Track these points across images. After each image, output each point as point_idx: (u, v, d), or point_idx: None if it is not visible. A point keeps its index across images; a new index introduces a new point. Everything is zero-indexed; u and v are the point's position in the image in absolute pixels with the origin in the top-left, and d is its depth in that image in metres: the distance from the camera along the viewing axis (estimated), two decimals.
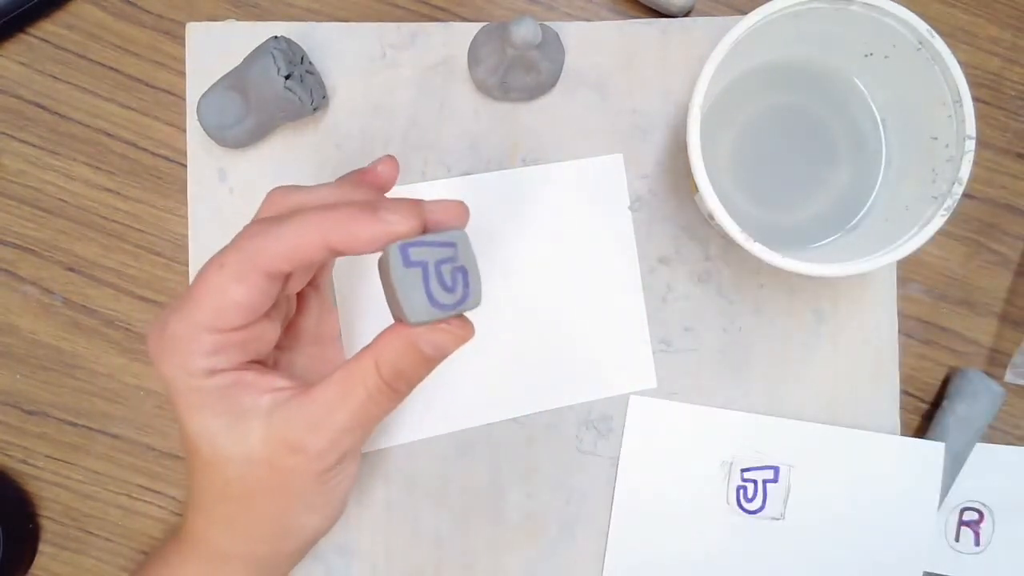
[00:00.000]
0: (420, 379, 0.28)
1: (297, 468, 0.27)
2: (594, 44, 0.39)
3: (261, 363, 0.29)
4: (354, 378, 0.27)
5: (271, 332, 0.29)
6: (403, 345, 0.26)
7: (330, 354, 0.34)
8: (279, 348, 0.32)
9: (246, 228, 0.27)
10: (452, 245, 0.25)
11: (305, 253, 0.26)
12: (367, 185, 0.30)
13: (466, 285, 0.26)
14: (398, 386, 0.27)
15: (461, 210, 0.29)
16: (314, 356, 0.33)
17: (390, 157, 0.31)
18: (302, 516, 0.29)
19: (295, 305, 0.32)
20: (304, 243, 0.25)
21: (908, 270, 0.40)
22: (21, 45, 0.39)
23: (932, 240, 0.31)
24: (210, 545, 0.30)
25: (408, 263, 0.25)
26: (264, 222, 0.27)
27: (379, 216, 0.25)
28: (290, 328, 0.32)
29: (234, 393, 0.27)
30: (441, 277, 0.25)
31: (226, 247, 0.27)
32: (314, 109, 0.37)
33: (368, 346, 0.27)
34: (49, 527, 0.38)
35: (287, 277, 0.28)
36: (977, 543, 0.39)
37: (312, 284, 0.33)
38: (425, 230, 0.26)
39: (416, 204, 0.26)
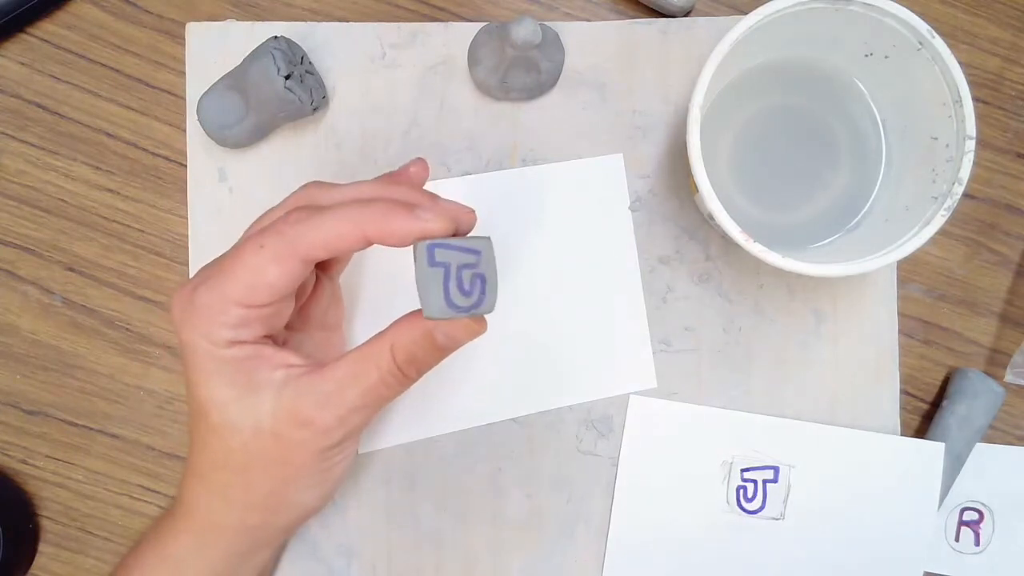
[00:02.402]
0: (430, 367, 0.29)
1: (303, 442, 0.28)
2: (594, 44, 0.39)
3: (274, 339, 0.30)
4: (368, 360, 0.28)
5: (288, 309, 0.30)
6: (420, 333, 0.28)
7: (334, 340, 0.35)
8: (291, 329, 0.33)
9: (287, 214, 0.29)
10: (477, 252, 0.27)
11: (343, 243, 0.27)
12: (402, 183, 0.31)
13: (482, 292, 0.27)
14: (409, 371, 0.29)
15: (471, 216, 0.30)
16: (320, 341, 0.34)
17: (421, 159, 0.32)
18: (299, 491, 0.30)
19: (310, 287, 0.33)
20: (343, 233, 0.27)
21: (908, 270, 0.40)
22: (21, 45, 0.39)
23: (932, 240, 0.31)
24: (202, 515, 0.30)
25: (432, 263, 0.26)
26: (305, 210, 0.28)
27: (415, 214, 0.27)
28: (302, 312, 0.33)
29: (250, 365, 0.28)
30: (460, 281, 0.26)
31: (264, 230, 0.28)
32: (314, 109, 0.37)
33: (384, 331, 0.29)
34: (49, 527, 0.38)
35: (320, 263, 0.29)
36: (977, 543, 0.39)
37: (327, 273, 0.34)
38: (456, 231, 0.28)
39: (448, 207, 0.28)
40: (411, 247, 0.27)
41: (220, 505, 0.30)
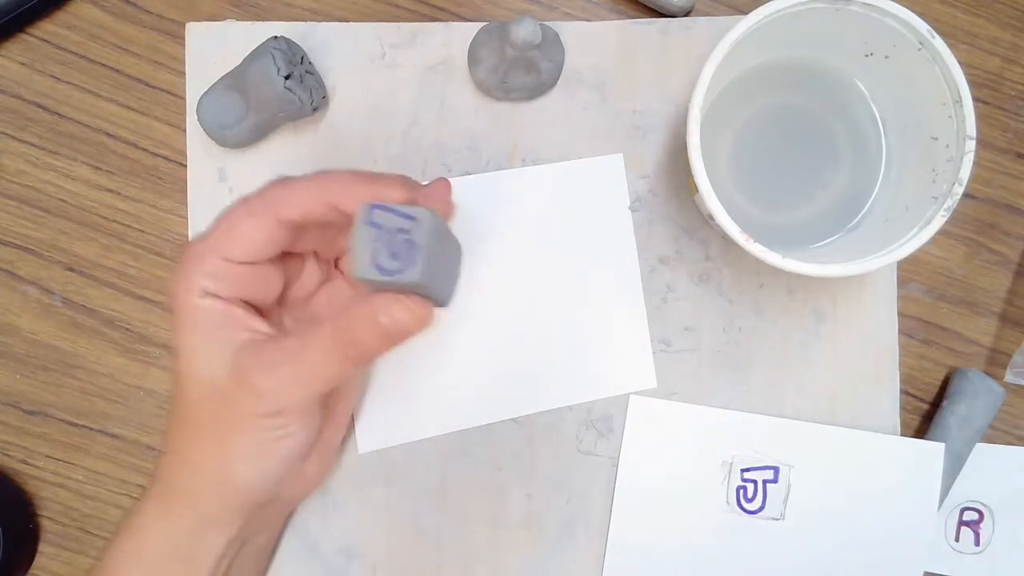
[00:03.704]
0: (375, 353, 0.29)
1: (240, 404, 0.29)
2: (594, 44, 0.39)
3: (258, 310, 0.31)
4: (316, 334, 0.29)
5: (273, 281, 0.32)
6: (362, 312, 0.28)
7: None
8: (297, 319, 0.34)
9: (271, 182, 0.31)
10: (412, 219, 0.27)
11: (309, 203, 0.29)
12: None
13: (410, 260, 0.27)
14: (350, 351, 0.29)
15: (444, 187, 0.32)
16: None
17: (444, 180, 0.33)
18: (237, 459, 0.30)
19: (310, 280, 0.34)
20: (310, 194, 0.29)
21: (908, 270, 0.40)
22: (21, 45, 0.39)
23: (932, 240, 0.31)
24: (164, 476, 0.31)
25: (368, 222, 0.27)
26: (287, 178, 0.30)
27: (375, 181, 0.29)
28: (310, 305, 0.34)
29: (219, 321, 0.29)
30: (392, 244, 0.27)
31: (252, 192, 0.30)
32: (314, 109, 0.37)
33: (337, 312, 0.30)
34: (49, 527, 0.38)
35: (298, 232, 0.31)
36: (977, 543, 0.39)
37: (356, 284, 0.35)
38: (412, 200, 0.29)
39: (411, 181, 0.31)
40: None
41: (175, 465, 0.31)
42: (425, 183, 0.32)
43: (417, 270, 0.27)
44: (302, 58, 0.37)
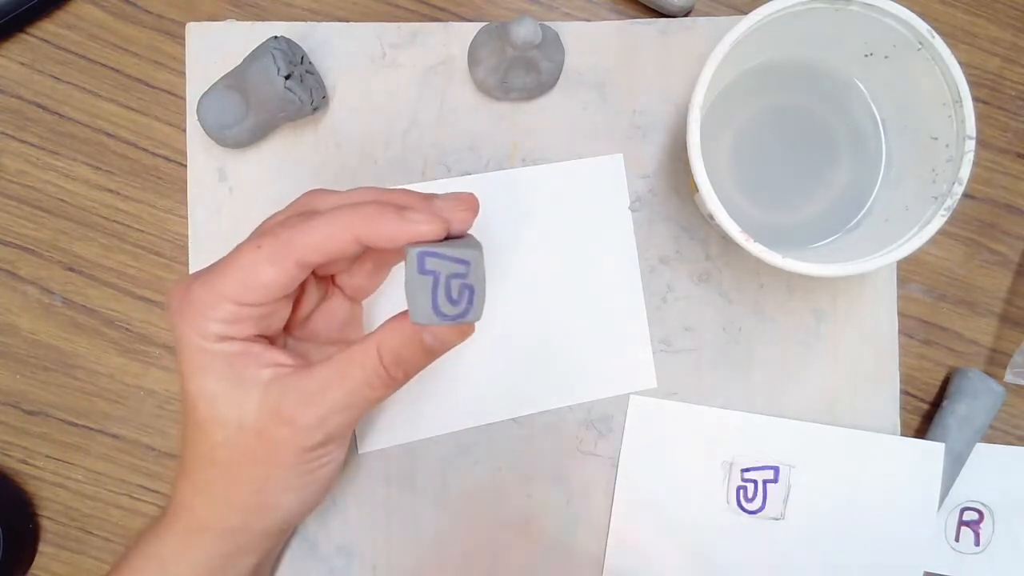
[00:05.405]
0: (418, 369, 0.29)
1: (283, 440, 0.28)
2: (594, 44, 0.39)
3: (270, 340, 0.30)
4: (354, 360, 0.28)
5: (284, 311, 0.30)
6: (407, 334, 0.28)
7: None
8: (297, 338, 0.33)
9: (285, 219, 0.29)
10: (467, 263, 0.27)
11: (334, 245, 0.27)
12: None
13: (470, 302, 0.27)
14: (396, 372, 0.29)
15: (472, 202, 0.30)
16: (332, 354, 0.34)
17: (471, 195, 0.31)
18: (280, 493, 0.30)
19: (313, 299, 0.33)
20: (334, 236, 0.27)
21: (908, 270, 0.40)
22: (21, 45, 0.39)
23: (932, 240, 0.31)
24: (189, 513, 0.30)
25: (423, 270, 0.26)
26: (301, 215, 0.28)
27: (405, 216, 0.27)
28: (310, 324, 0.33)
29: (239, 361, 0.28)
30: (449, 290, 0.26)
31: (262, 232, 0.28)
32: (314, 109, 0.37)
33: (372, 332, 0.29)
34: (49, 527, 0.38)
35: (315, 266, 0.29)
36: (977, 543, 0.39)
37: (353, 297, 0.34)
38: (448, 233, 0.28)
39: (442, 206, 0.28)
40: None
41: (204, 503, 0.30)
42: (440, 193, 0.30)
43: (479, 312, 0.27)
44: (302, 58, 0.37)
